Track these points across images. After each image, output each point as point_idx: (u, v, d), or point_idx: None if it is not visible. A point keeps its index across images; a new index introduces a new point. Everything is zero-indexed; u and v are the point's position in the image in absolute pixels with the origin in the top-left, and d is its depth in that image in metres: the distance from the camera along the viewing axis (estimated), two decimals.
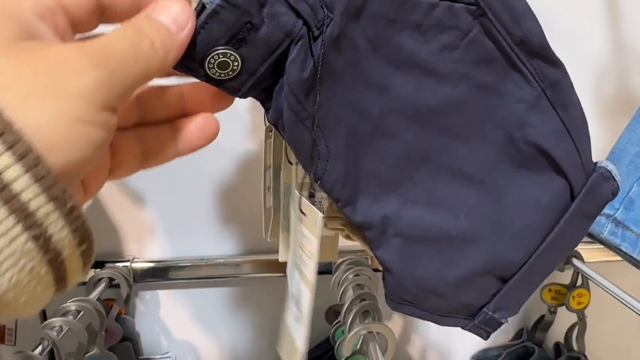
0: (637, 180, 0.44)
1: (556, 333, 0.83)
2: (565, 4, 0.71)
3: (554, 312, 0.80)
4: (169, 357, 0.80)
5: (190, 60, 0.28)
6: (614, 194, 0.40)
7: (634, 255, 0.48)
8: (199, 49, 0.28)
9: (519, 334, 0.85)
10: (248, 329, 0.83)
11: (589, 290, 0.77)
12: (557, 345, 0.83)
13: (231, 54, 0.28)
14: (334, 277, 0.67)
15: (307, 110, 0.32)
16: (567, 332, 0.82)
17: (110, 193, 0.74)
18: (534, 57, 0.36)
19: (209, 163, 0.74)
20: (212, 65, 0.28)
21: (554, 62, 0.37)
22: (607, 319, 0.84)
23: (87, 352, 0.64)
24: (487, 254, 0.40)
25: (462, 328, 0.43)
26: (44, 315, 0.74)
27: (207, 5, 0.27)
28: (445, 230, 0.39)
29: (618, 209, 0.46)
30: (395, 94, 0.36)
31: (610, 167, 0.40)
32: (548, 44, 0.36)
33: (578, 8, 0.71)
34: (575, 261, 0.75)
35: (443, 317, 0.43)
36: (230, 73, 0.29)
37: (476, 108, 0.37)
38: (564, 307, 0.78)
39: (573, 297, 0.77)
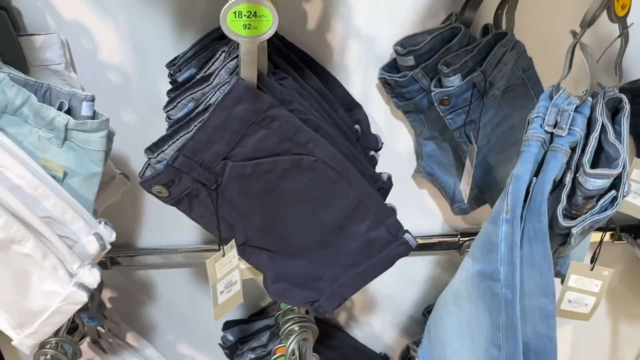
0: None
1: (487, 16, 0.77)
2: None
3: None
4: (56, 36, 0.71)
5: (147, 186, 0.63)
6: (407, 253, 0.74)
7: None
8: (148, 183, 0.62)
9: (448, 19, 0.79)
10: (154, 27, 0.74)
11: None
12: (485, 26, 0.77)
13: (165, 189, 0.63)
14: None
15: (209, 210, 0.67)
16: (496, 11, 0.75)
17: None
18: None
19: None
20: (155, 191, 0.63)
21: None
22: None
23: None
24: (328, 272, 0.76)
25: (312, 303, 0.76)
26: None
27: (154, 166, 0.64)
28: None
29: None
30: (274, 203, 0.69)
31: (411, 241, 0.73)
32: None
33: None
34: None
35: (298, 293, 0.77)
36: (166, 195, 0.64)
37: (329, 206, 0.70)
38: None
39: None
